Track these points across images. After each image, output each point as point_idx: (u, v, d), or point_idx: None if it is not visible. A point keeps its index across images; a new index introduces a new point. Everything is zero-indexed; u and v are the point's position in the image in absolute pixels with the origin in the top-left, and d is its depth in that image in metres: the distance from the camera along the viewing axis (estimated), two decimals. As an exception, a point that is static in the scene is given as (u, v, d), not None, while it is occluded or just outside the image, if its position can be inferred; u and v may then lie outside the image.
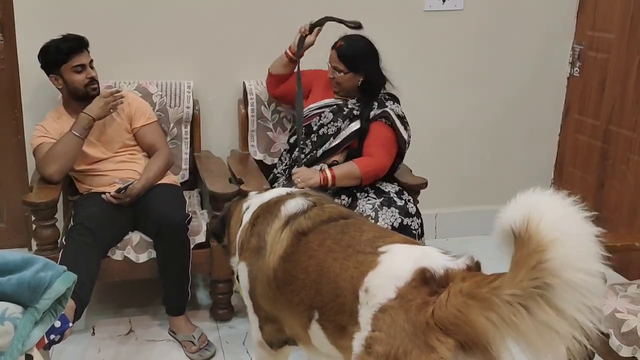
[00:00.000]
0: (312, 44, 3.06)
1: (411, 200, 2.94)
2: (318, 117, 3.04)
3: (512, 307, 1.40)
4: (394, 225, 2.79)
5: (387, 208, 2.83)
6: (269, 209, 2.11)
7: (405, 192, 2.96)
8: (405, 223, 2.82)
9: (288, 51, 3.11)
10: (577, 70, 3.90)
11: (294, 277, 1.91)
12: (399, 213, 2.83)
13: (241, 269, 2.16)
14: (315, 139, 3.02)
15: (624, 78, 3.55)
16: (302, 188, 2.61)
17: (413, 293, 1.57)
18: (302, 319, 1.91)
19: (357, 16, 3.43)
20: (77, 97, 2.93)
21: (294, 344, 2.12)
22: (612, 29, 3.62)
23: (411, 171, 3.20)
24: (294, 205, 2.05)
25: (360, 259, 1.75)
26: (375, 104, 2.99)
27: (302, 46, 3.05)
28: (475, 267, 1.67)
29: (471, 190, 4.04)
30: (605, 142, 3.71)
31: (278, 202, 2.11)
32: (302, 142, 3.01)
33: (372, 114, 2.97)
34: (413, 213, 2.88)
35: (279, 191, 2.25)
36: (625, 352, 2.11)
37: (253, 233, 2.11)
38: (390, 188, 2.95)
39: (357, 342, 1.65)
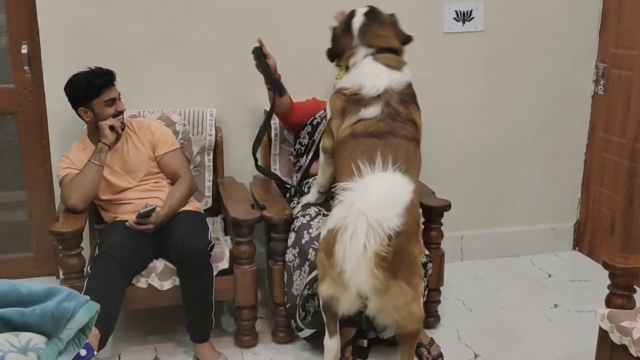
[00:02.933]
0: (274, 63, 3.07)
1: None
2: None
3: None
4: None
5: None
6: (356, 103, 2.71)
7: None
8: None
9: (267, 85, 3.12)
10: (601, 89, 3.85)
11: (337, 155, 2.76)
12: None
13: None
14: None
15: (650, 95, 3.51)
16: None
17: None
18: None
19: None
20: None
21: None
22: (636, 46, 3.57)
23: (434, 193, 3.19)
24: (370, 111, 2.65)
25: (349, 170, 2.50)
26: None
27: (268, 71, 3.05)
28: None
29: (497, 211, 3.99)
30: (632, 160, 3.64)
31: (363, 101, 2.69)
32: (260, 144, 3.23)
33: None
34: None
35: (370, 84, 2.68)
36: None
37: (341, 108, 2.75)
38: None
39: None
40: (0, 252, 3.62)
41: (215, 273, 2.86)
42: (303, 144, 3.28)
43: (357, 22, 2.74)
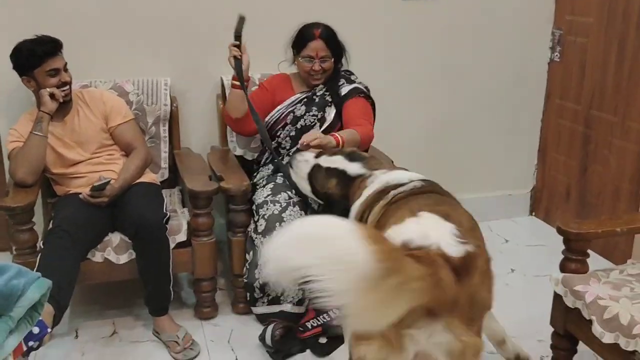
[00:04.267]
0: (248, 61, 2.99)
1: None
2: (292, 114, 3.02)
3: None
4: None
5: None
6: (382, 191, 2.32)
7: None
8: None
9: (234, 82, 3.02)
10: (557, 55, 3.88)
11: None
12: None
13: None
14: (294, 133, 3.00)
15: (604, 62, 3.54)
16: (315, 143, 2.65)
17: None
18: None
19: (334, 7, 3.42)
20: None
21: None
22: (591, 13, 3.60)
23: (393, 162, 3.19)
24: (404, 187, 2.27)
25: (400, 214, 2.03)
26: (342, 80, 3.07)
27: (241, 69, 2.96)
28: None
29: (454, 178, 3.97)
30: (587, 127, 3.70)
31: (392, 186, 2.31)
32: (278, 159, 3.03)
33: (344, 90, 3.03)
34: None
35: (400, 176, 2.37)
36: (607, 338, 2.10)
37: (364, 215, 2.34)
38: None
39: None
40: (-51, 229, 3.51)
41: (173, 245, 2.82)
42: (300, 116, 3.06)
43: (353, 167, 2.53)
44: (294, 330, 2.78)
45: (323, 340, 2.78)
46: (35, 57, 2.81)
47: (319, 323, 2.76)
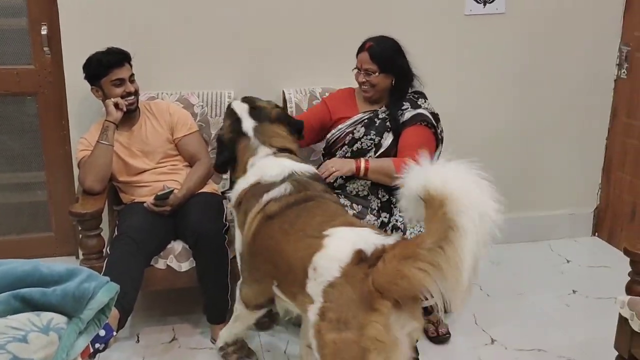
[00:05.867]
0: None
1: None
2: (351, 134, 2.98)
3: (434, 251, 1.78)
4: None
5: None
6: (255, 193, 2.44)
7: None
8: None
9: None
10: (624, 72, 3.79)
11: (260, 253, 2.36)
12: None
13: (237, 234, 2.56)
14: (349, 155, 2.97)
15: (674, 79, 3.44)
16: (334, 176, 2.81)
17: (354, 270, 1.94)
18: (268, 284, 2.36)
19: (396, 22, 3.43)
20: None
21: (269, 305, 2.51)
22: (661, 29, 3.51)
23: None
24: (276, 191, 2.38)
25: (308, 242, 2.11)
26: (407, 104, 2.95)
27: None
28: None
29: (515, 195, 3.94)
30: (655, 146, 3.60)
31: (265, 186, 2.43)
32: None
33: (406, 116, 2.92)
34: None
35: (274, 171, 2.46)
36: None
37: (240, 210, 2.50)
38: None
39: (312, 312, 2.02)
40: (20, 232, 3.66)
41: (232, 256, 2.87)
42: (358, 138, 2.99)
43: (248, 124, 2.62)
44: None
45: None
46: (102, 67, 2.92)
47: None
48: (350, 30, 3.25)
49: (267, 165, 2.51)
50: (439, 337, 2.93)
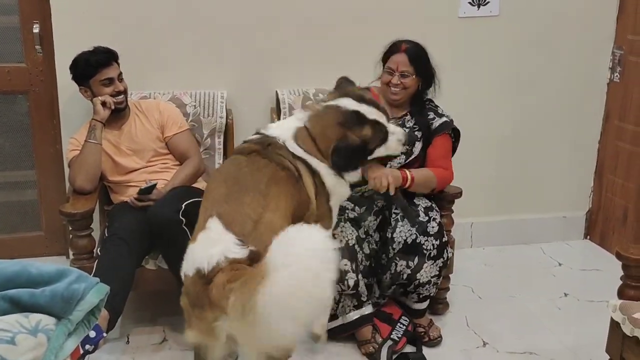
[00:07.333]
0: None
1: (436, 220, 2.86)
2: None
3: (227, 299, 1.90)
4: (407, 241, 2.79)
5: (408, 223, 2.81)
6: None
7: (435, 209, 2.90)
8: (418, 241, 2.80)
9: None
10: (617, 76, 3.80)
11: None
12: (417, 230, 2.80)
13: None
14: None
15: (667, 83, 3.45)
16: (391, 189, 2.66)
17: (195, 279, 2.05)
18: None
19: (391, 24, 3.42)
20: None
21: None
22: (654, 33, 3.52)
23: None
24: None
25: (202, 218, 2.17)
26: (432, 113, 2.95)
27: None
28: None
29: (508, 198, 3.96)
30: (647, 150, 3.61)
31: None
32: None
33: (435, 124, 2.93)
34: (432, 233, 2.81)
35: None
36: None
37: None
38: (422, 202, 2.90)
39: None
40: (10, 231, 3.63)
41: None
42: None
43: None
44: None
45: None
46: (91, 67, 2.90)
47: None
48: (343, 32, 3.26)
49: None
50: (431, 341, 2.92)
